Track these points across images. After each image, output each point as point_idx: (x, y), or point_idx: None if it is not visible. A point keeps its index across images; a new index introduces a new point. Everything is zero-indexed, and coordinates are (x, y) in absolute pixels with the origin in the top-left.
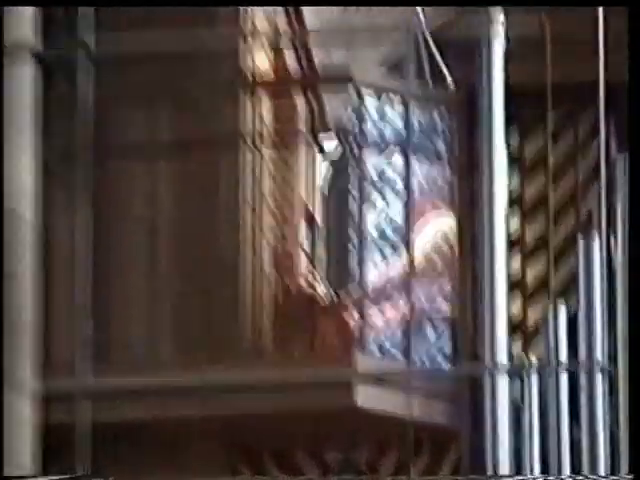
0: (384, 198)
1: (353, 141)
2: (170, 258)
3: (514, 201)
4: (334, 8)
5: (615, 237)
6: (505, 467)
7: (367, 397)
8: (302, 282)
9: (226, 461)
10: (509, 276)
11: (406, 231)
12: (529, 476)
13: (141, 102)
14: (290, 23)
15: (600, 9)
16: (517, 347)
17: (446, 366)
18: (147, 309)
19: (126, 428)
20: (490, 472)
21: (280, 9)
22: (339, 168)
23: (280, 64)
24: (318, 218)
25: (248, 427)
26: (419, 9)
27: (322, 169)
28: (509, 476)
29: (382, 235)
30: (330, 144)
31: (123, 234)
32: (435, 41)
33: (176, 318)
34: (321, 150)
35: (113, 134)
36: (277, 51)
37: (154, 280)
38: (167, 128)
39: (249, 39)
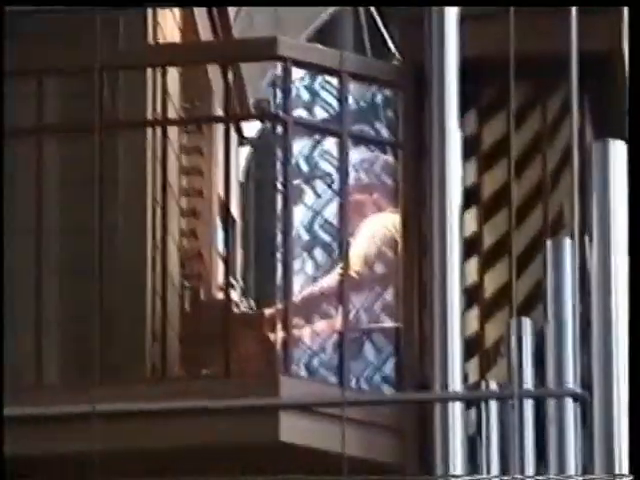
0: (315, 191)
1: (278, 124)
2: (59, 260)
3: (470, 196)
4: None
5: (590, 239)
6: None
7: (293, 429)
8: (215, 290)
9: None
10: (464, 285)
11: (341, 231)
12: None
13: (29, 76)
14: None
15: None
16: (473, 369)
17: (388, 391)
18: (32, 326)
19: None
20: None
21: None
22: (261, 155)
23: (192, 32)
24: (235, 213)
25: (152, 462)
26: None
27: (241, 156)
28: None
29: (312, 235)
30: (250, 127)
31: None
32: (377, 7)
33: (66, 335)
34: (240, 134)
35: None
36: (188, 16)
37: (40, 289)
38: (56, 106)
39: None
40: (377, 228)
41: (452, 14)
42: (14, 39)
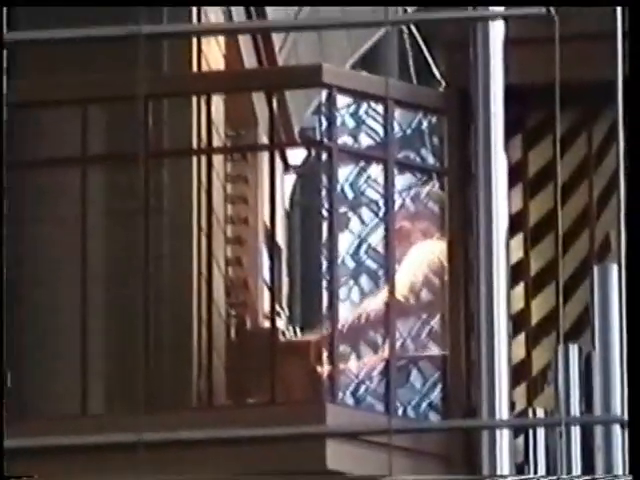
0: (360, 218)
1: (323, 151)
2: (105, 289)
3: (516, 222)
4: None
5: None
6: None
7: (340, 457)
8: (261, 319)
9: None
10: (511, 312)
11: (387, 258)
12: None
13: (74, 105)
14: (248, 12)
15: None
16: (520, 396)
17: (435, 419)
18: (78, 356)
19: None
20: None
21: None
22: (306, 183)
23: (236, 61)
24: (281, 241)
25: None
26: None
27: (286, 184)
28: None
29: (358, 262)
30: (296, 155)
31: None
32: (422, 35)
33: (112, 364)
34: (285, 162)
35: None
36: (233, 45)
37: (86, 313)
38: (101, 134)
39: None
40: (423, 255)
41: (497, 39)
42: (59, 67)
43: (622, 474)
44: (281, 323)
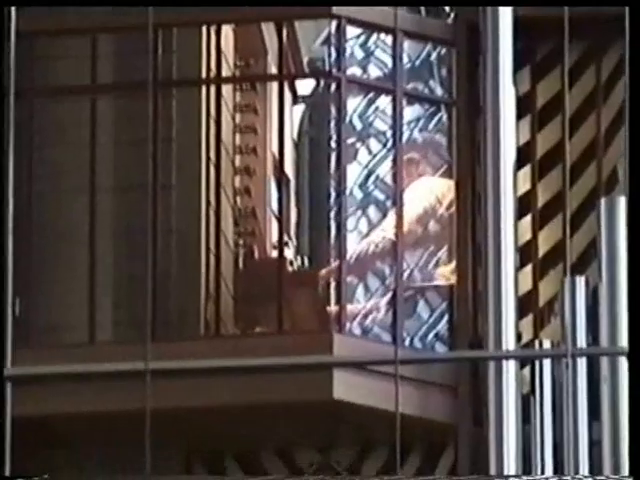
0: (369, 149)
1: (332, 82)
2: (113, 218)
3: (524, 154)
4: None
5: None
6: (512, 467)
7: (347, 387)
8: (269, 249)
9: (178, 462)
10: (517, 244)
11: (395, 189)
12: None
13: (84, 35)
14: None
15: None
16: (527, 328)
17: (442, 350)
18: (88, 281)
19: (62, 421)
20: (494, 473)
21: None
22: (315, 114)
23: None
24: (289, 172)
25: (205, 421)
26: None
27: (294, 114)
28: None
29: (366, 193)
30: (305, 85)
31: (58, 201)
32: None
33: (120, 292)
34: (294, 92)
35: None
36: None
37: (94, 243)
38: (110, 65)
39: None
40: (431, 187)
41: None
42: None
43: (627, 407)
44: (289, 253)
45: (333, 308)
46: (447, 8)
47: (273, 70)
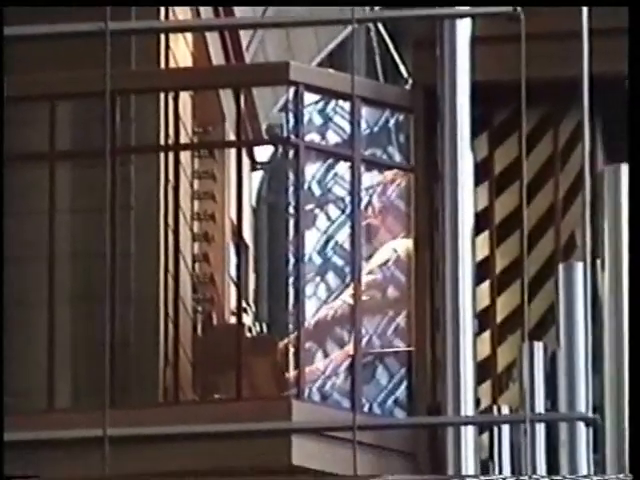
0: (327, 215)
1: (290, 148)
2: (72, 286)
3: (482, 220)
4: None
5: (602, 263)
6: None
7: (306, 453)
8: (228, 315)
9: None
10: (476, 309)
11: (353, 255)
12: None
13: (42, 101)
14: (216, 10)
15: None
16: (485, 393)
17: (401, 416)
18: (44, 350)
19: None
20: None
21: None
22: (273, 180)
23: (204, 58)
24: (248, 238)
25: None
26: None
27: (253, 181)
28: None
29: (325, 259)
30: (263, 152)
31: (16, 268)
32: (389, 33)
33: (79, 359)
34: (252, 159)
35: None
36: (200, 43)
37: (52, 310)
38: (68, 132)
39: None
40: (389, 253)
41: (464, 37)
42: (24, 64)
43: (585, 472)
44: (248, 319)
45: (292, 374)
46: (405, 74)
47: (231, 137)
